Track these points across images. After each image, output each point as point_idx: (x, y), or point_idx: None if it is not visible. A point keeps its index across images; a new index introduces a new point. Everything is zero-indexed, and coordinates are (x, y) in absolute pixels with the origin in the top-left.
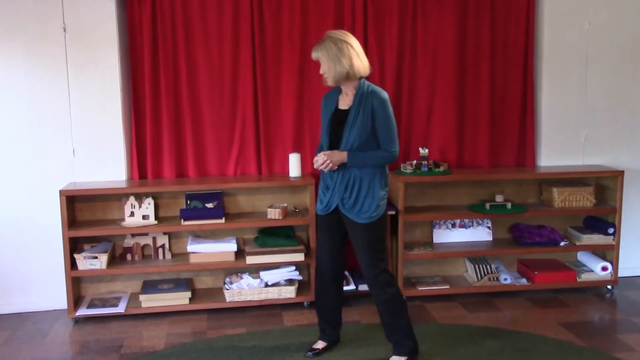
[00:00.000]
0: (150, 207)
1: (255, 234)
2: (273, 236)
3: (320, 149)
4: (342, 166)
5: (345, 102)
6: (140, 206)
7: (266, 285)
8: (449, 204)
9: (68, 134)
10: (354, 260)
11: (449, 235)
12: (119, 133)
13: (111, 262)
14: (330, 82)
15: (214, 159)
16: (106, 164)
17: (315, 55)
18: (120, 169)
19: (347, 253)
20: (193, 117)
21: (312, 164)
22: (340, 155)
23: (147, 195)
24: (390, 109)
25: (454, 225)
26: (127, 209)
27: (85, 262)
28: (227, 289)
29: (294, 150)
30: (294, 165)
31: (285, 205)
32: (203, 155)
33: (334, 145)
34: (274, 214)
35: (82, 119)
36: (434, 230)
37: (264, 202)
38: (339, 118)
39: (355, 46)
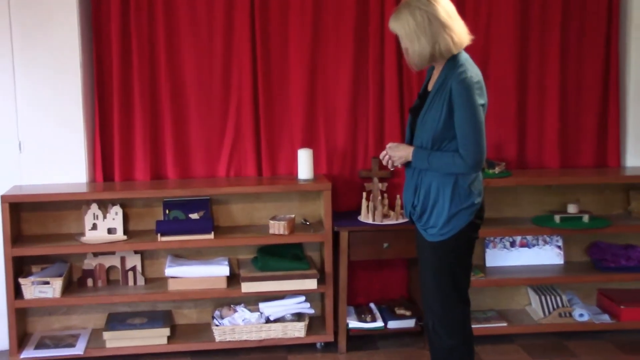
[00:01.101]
0: (118, 218)
1: (253, 254)
2: (277, 257)
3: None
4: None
5: (433, 81)
6: (104, 217)
7: (267, 320)
8: (507, 215)
9: (12, 123)
10: (381, 290)
11: (506, 256)
12: (78, 122)
13: (67, 289)
14: (413, 66)
15: (200, 156)
16: (61, 162)
17: (391, 27)
18: (80, 168)
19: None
20: (173, 102)
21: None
22: (405, 151)
23: (113, 202)
24: (475, 99)
25: (513, 244)
26: (88, 221)
27: (34, 289)
28: (217, 325)
29: (305, 146)
30: (304, 164)
31: (293, 216)
32: (186, 152)
33: (413, 137)
34: (278, 227)
35: (30, 104)
36: (487, 250)
37: (264, 212)
38: (422, 103)
39: (441, 14)
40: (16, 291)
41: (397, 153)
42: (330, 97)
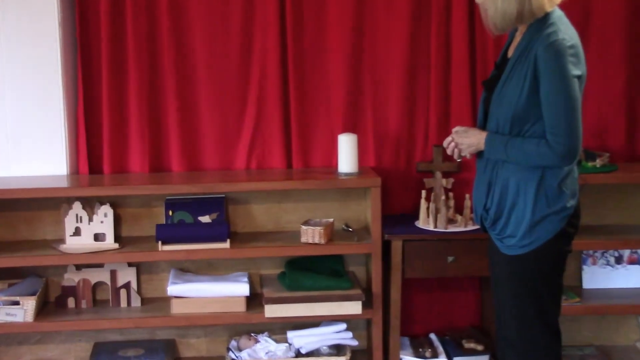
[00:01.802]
0: (108, 221)
1: (280, 269)
2: (310, 272)
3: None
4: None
5: (514, 46)
6: (90, 219)
7: (298, 354)
8: (611, 222)
9: None
10: (445, 317)
11: (610, 276)
12: (55, 98)
13: (42, 311)
14: (491, 29)
15: (213, 143)
16: (35, 149)
17: None
18: (59, 157)
19: None
20: (179, 74)
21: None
22: (476, 137)
23: (102, 200)
24: (568, 68)
25: (619, 260)
26: (70, 224)
27: (0, 312)
28: (234, 359)
29: (347, 130)
30: (346, 153)
31: (332, 220)
32: (195, 137)
33: (487, 118)
34: (312, 235)
35: None
36: (584, 267)
37: (295, 214)
38: (499, 73)
39: None
40: None
41: (465, 140)
42: (379, 67)
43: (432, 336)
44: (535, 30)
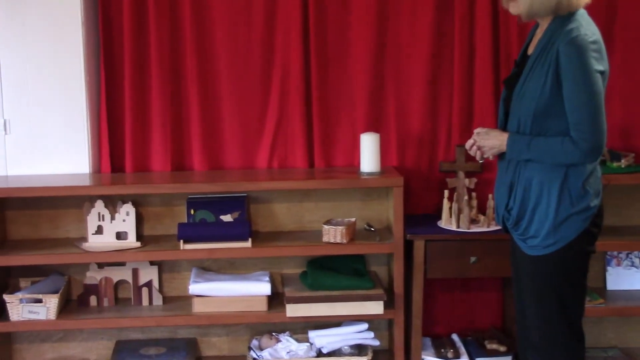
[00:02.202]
0: (130, 220)
1: (302, 268)
2: (332, 272)
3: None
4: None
5: (534, 43)
6: (113, 217)
7: (319, 354)
8: (636, 223)
9: None
10: (467, 317)
11: (634, 277)
12: (79, 96)
13: (64, 309)
14: (524, 14)
15: (235, 141)
16: (58, 147)
17: None
18: (82, 155)
19: None
20: (201, 73)
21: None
22: (497, 139)
23: (124, 199)
24: (591, 64)
25: None
26: (92, 222)
27: (22, 309)
28: (255, 359)
29: (370, 129)
30: (368, 153)
31: (354, 220)
32: (217, 136)
33: (508, 117)
34: (334, 234)
35: (18, 74)
36: (608, 268)
37: (317, 214)
38: (519, 71)
39: None
40: (0, 311)
41: (487, 142)
42: (403, 66)
43: (454, 337)
44: (556, 26)
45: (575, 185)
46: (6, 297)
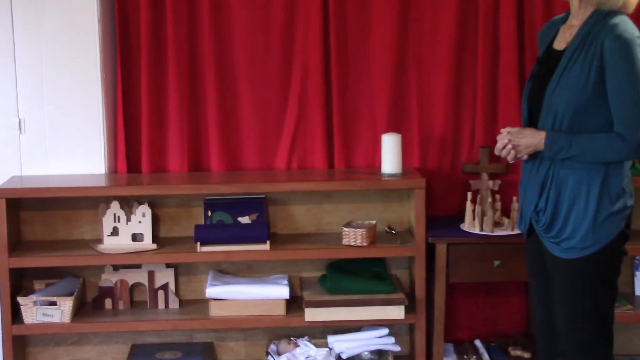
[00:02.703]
0: (146, 221)
1: (321, 271)
2: (351, 275)
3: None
4: (537, 155)
5: (564, 37)
6: (128, 219)
7: (339, 359)
8: None
9: (10, 95)
10: (490, 322)
11: None
12: (94, 95)
13: (79, 311)
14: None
15: (253, 141)
16: (74, 146)
17: None
18: (97, 155)
19: None
20: (218, 71)
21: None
22: (534, 137)
23: (140, 200)
24: (638, 58)
25: None
26: (107, 224)
27: (37, 312)
28: None
29: (391, 130)
30: (389, 153)
31: (374, 222)
32: (235, 136)
33: (534, 115)
34: (354, 237)
35: (34, 72)
36: (637, 273)
37: (336, 216)
38: (547, 67)
39: None
40: (14, 313)
41: (523, 140)
42: (425, 64)
43: (477, 342)
44: (597, 20)
45: (615, 185)
46: (20, 299)
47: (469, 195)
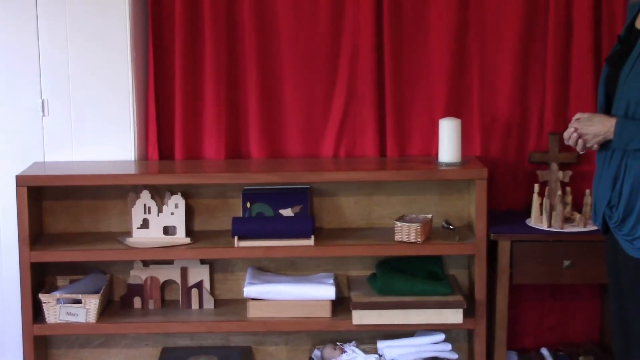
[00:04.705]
0: (179, 213)
1: (370, 270)
2: (405, 275)
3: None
4: (609, 145)
5: None
6: (160, 210)
7: None
8: None
9: (32, 74)
10: (559, 329)
11: None
12: (125, 76)
13: (106, 311)
14: None
15: (297, 128)
16: (102, 131)
17: None
18: (126, 141)
19: None
20: (260, 52)
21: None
22: (603, 124)
23: (172, 190)
24: None
25: None
26: (137, 215)
27: (60, 311)
28: None
29: (450, 114)
30: (448, 141)
31: (430, 216)
32: (277, 121)
33: (612, 101)
34: (407, 232)
35: (58, 50)
36: None
37: (388, 209)
38: (627, 47)
39: None
40: (35, 312)
41: (591, 129)
42: (488, 42)
43: (544, 351)
44: None
45: None
46: (42, 296)
47: (536, 187)
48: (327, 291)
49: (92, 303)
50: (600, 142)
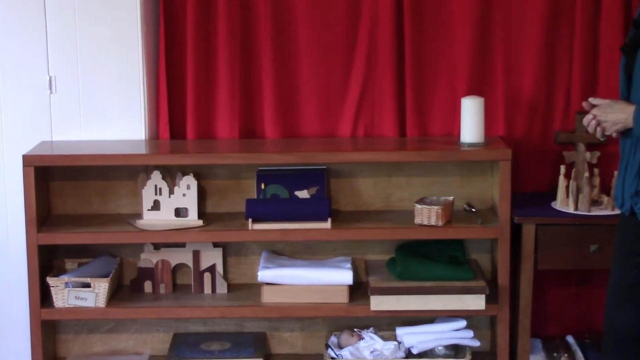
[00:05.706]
0: (191, 194)
1: (390, 254)
2: (425, 259)
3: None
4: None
5: None
6: (171, 191)
7: (409, 354)
8: None
9: (39, 50)
10: (585, 317)
11: None
12: (135, 52)
13: (115, 295)
14: None
15: (314, 106)
16: (111, 109)
17: None
18: (137, 119)
19: None
20: (275, 26)
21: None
22: (623, 112)
23: (184, 170)
24: None
25: None
26: (148, 196)
27: (68, 295)
28: (333, 358)
29: (472, 93)
30: (470, 120)
31: (452, 199)
32: (292, 99)
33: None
34: (428, 215)
35: (66, 24)
36: None
37: (408, 191)
38: (638, 33)
39: None
40: (43, 296)
41: (610, 116)
42: (513, 16)
43: (569, 339)
44: None
45: None
46: (50, 280)
47: (562, 168)
48: (344, 276)
49: (101, 287)
50: (620, 130)
